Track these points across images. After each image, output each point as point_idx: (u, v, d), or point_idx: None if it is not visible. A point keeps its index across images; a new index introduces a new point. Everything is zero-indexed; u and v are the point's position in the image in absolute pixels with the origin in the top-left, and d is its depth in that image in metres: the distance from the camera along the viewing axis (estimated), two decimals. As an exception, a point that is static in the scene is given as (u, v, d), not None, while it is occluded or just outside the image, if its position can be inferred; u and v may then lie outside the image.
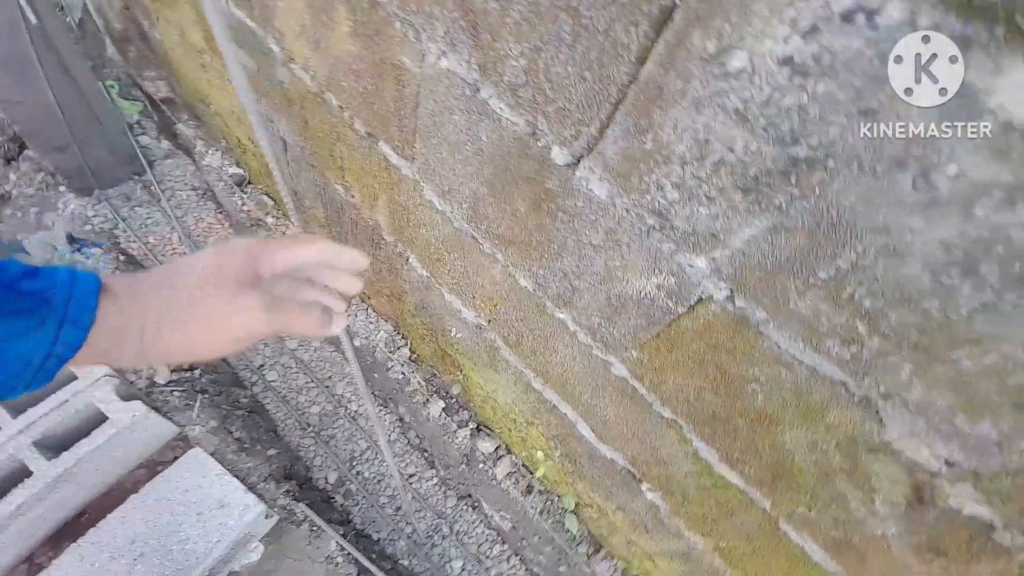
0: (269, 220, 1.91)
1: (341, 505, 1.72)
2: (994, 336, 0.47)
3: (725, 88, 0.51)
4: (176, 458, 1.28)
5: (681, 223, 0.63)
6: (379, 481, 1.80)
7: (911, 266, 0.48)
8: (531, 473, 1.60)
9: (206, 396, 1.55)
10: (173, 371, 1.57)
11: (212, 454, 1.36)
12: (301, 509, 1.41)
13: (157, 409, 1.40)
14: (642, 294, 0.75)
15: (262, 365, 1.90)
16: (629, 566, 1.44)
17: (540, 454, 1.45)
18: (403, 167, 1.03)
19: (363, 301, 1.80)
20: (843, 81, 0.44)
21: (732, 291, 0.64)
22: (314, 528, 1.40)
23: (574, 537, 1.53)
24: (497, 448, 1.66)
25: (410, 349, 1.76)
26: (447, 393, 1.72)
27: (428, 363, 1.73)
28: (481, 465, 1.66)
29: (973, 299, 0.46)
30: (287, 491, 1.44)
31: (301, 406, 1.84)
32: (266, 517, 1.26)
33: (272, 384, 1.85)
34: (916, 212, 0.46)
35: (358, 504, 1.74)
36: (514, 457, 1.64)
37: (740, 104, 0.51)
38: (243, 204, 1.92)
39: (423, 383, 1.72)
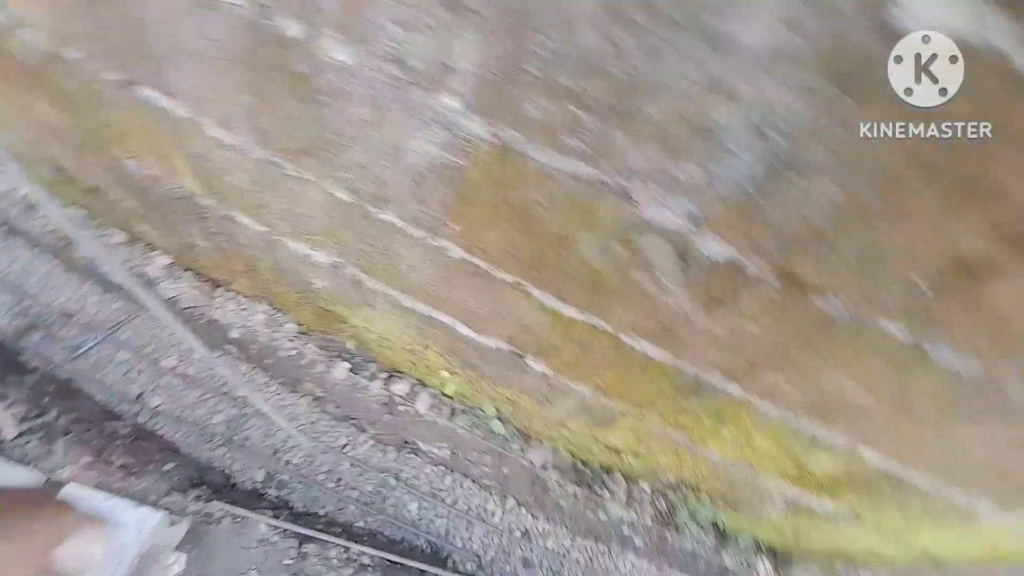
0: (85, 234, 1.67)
1: (276, 497, 1.66)
2: (659, 79, 0.53)
3: None
4: (45, 502, 1.15)
5: (417, 63, 0.63)
6: (311, 463, 1.76)
7: (585, 34, 0.52)
8: (448, 397, 1.64)
9: (71, 436, 1.39)
10: (22, 421, 1.38)
11: (96, 486, 1.24)
12: (218, 507, 1.34)
13: (18, 462, 1.24)
14: (429, 160, 0.76)
15: (141, 394, 1.72)
16: (555, 443, 1.56)
17: (445, 373, 1.49)
18: (173, 108, 0.93)
19: (227, 289, 1.67)
20: None
21: (488, 123, 0.67)
22: (236, 519, 1.35)
23: (505, 438, 1.62)
24: (412, 387, 1.68)
25: (295, 322, 1.68)
26: (345, 351, 1.68)
27: (316, 329, 1.67)
28: (402, 407, 1.68)
29: (638, 48, 0.52)
30: (197, 496, 1.36)
31: (201, 420, 1.71)
32: (171, 524, 1.19)
33: (159, 408, 1.70)
34: (568, -26, 0.49)
35: (294, 491, 1.69)
36: (430, 390, 1.67)
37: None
38: (47, 225, 1.66)
39: (319, 350, 1.67)
